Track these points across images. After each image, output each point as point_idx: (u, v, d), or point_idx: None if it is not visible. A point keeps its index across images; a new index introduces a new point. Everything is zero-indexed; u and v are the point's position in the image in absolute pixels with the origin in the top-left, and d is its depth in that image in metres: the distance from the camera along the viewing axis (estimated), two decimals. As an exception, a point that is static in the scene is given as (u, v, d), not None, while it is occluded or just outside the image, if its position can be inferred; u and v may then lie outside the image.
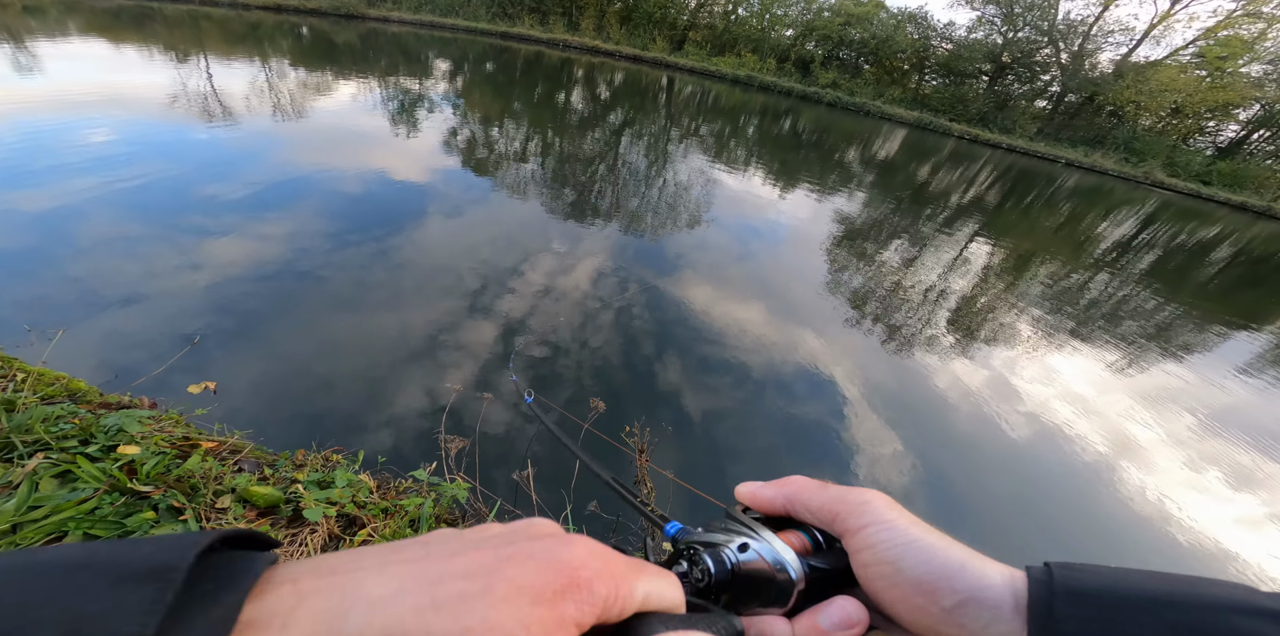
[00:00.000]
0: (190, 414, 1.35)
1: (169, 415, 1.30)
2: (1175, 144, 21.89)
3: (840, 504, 0.27)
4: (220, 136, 5.31)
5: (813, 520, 0.29)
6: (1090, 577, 0.22)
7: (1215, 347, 5.04)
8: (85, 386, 1.39)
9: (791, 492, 0.29)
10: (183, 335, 2.27)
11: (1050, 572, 0.22)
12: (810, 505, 0.28)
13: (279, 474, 1.15)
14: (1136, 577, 0.22)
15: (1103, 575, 0.22)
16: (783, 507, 0.30)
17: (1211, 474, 2.94)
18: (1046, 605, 0.21)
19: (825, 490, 0.29)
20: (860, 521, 0.26)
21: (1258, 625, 0.18)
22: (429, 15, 20.72)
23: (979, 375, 3.45)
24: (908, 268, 5.34)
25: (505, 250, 3.76)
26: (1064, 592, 0.21)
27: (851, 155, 12.46)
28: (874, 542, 0.25)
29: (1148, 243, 9.62)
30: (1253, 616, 0.19)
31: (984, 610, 0.22)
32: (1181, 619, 0.19)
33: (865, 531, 0.26)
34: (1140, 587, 0.21)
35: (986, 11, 23.37)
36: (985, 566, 0.24)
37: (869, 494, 0.28)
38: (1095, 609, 0.20)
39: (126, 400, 1.35)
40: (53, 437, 1.10)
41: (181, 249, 3.03)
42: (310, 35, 15.80)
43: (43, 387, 1.31)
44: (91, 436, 1.12)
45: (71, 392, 1.35)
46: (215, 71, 8.50)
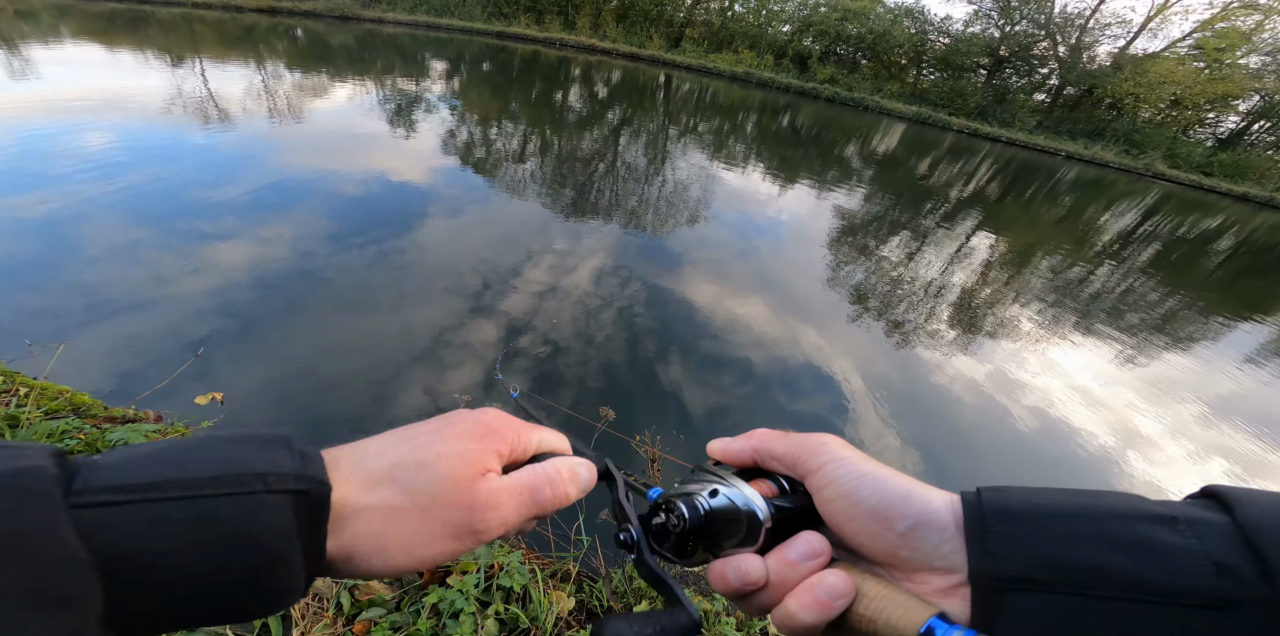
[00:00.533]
0: (196, 426, 1.39)
1: (175, 428, 1.34)
2: (1176, 136, 21.90)
3: (801, 448, 0.30)
4: (218, 140, 5.33)
5: (778, 467, 0.31)
6: (1013, 497, 0.25)
7: (1219, 338, 5.10)
8: (89, 400, 1.42)
9: (757, 443, 0.32)
10: (186, 343, 2.31)
11: (979, 495, 0.25)
12: (775, 452, 0.31)
13: None
14: (1053, 495, 0.25)
15: (1024, 494, 0.25)
16: (750, 458, 0.32)
17: (1216, 464, 3.00)
18: (979, 522, 0.24)
19: (786, 438, 0.31)
20: (819, 461, 0.29)
21: (1146, 528, 0.21)
22: (424, 16, 20.59)
23: (982, 368, 3.51)
24: (910, 262, 5.39)
25: (505, 250, 3.80)
26: (992, 511, 0.24)
27: (851, 150, 12.48)
28: (832, 478, 0.28)
29: (1150, 234, 9.68)
30: (1143, 521, 0.22)
31: (932, 531, 0.25)
32: (1089, 527, 0.22)
33: (824, 469, 0.28)
34: (1056, 502, 0.24)
35: (983, 5, 23.31)
36: (928, 493, 0.26)
37: (825, 437, 0.30)
38: (1018, 523, 0.23)
39: (131, 413, 1.39)
40: None
41: (182, 254, 3.07)
42: (305, 37, 15.73)
43: (46, 402, 1.33)
44: (96, 451, 1.16)
45: (75, 406, 1.38)
46: (210, 75, 8.50)
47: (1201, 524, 0.21)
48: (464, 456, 0.27)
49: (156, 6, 17.17)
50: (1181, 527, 0.21)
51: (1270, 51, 21.19)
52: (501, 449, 0.29)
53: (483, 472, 0.27)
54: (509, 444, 0.30)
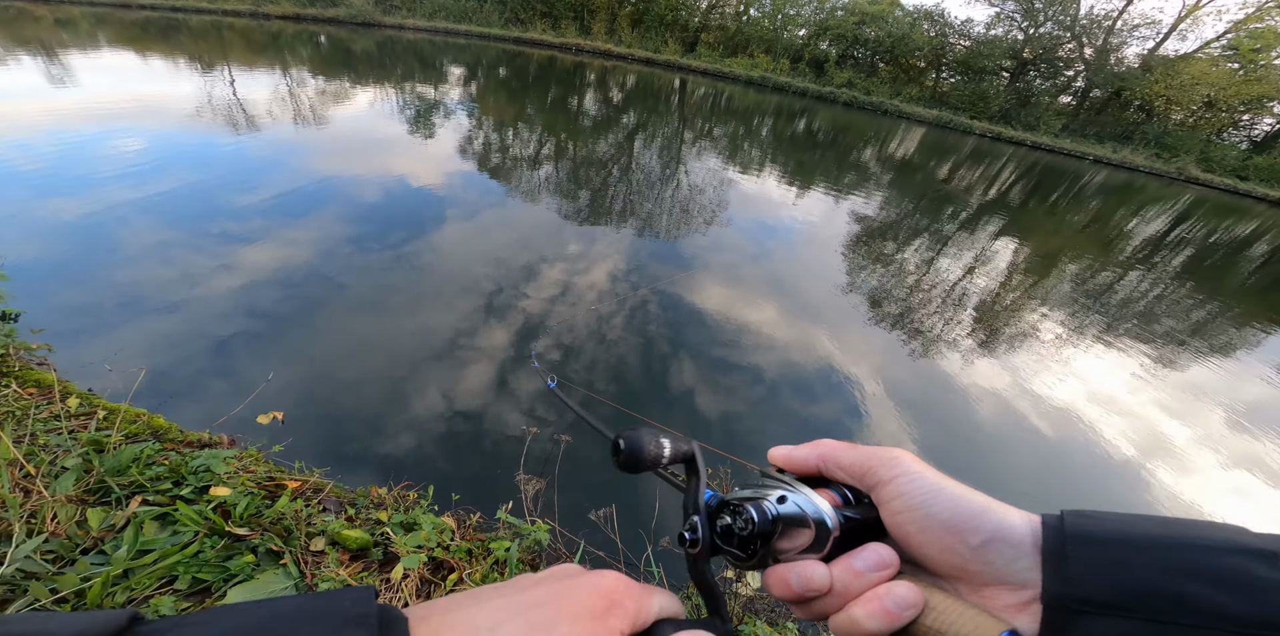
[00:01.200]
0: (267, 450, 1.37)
1: (249, 453, 1.32)
2: (1209, 138, 21.15)
3: (871, 459, 0.30)
4: (245, 145, 5.45)
5: (843, 477, 0.31)
6: (1098, 523, 0.24)
7: (1256, 346, 4.85)
8: (165, 423, 1.42)
9: (823, 452, 0.32)
10: (220, 343, 2.33)
11: (1062, 519, 0.25)
12: (841, 462, 0.31)
13: (362, 515, 1.15)
14: (1140, 523, 0.24)
15: (1109, 521, 0.24)
16: (815, 467, 0.32)
17: (1247, 474, 2.86)
18: (1059, 546, 0.24)
19: (855, 449, 0.31)
20: (890, 473, 0.28)
21: (1241, 561, 0.21)
22: (443, 22, 20.98)
23: (1003, 376, 3.39)
24: (929, 267, 5.25)
25: (522, 253, 3.80)
26: (1074, 536, 0.24)
27: (869, 155, 12.28)
28: (904, 491, 0.28)
29: (1182, 239, 9.31)
30: (1238, 554, 0.21)
31: (1008, 547, 0.25)
32: (1176, 558, 0.22)
33: (895, 482, 0.28)
34: (1142, 531, 0.23)
35: (1006, 7, 22.87)
36: (1006, 510, 0.26)
37: (896, 451, 0.30)
38: (1102, 549, 0.23)
39: (206, 437, 1.38)
40: (146, 480, 1.12)
41: (212, 256, 3.13)
42: (329, 44, 16.11)
43: (125, 425, 1.34)
44: (182, 477, 1.14)
45: (154, 430, 1.38)
46: (238, 81, 8.72)
47: None
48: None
49: (188, 14, 17.78)
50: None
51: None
52: (625, 627, 0.26)
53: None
54: (631, 618, 0.26)
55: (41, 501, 1.06)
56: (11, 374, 1.83)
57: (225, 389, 2.15)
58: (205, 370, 2.24)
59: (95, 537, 1.02)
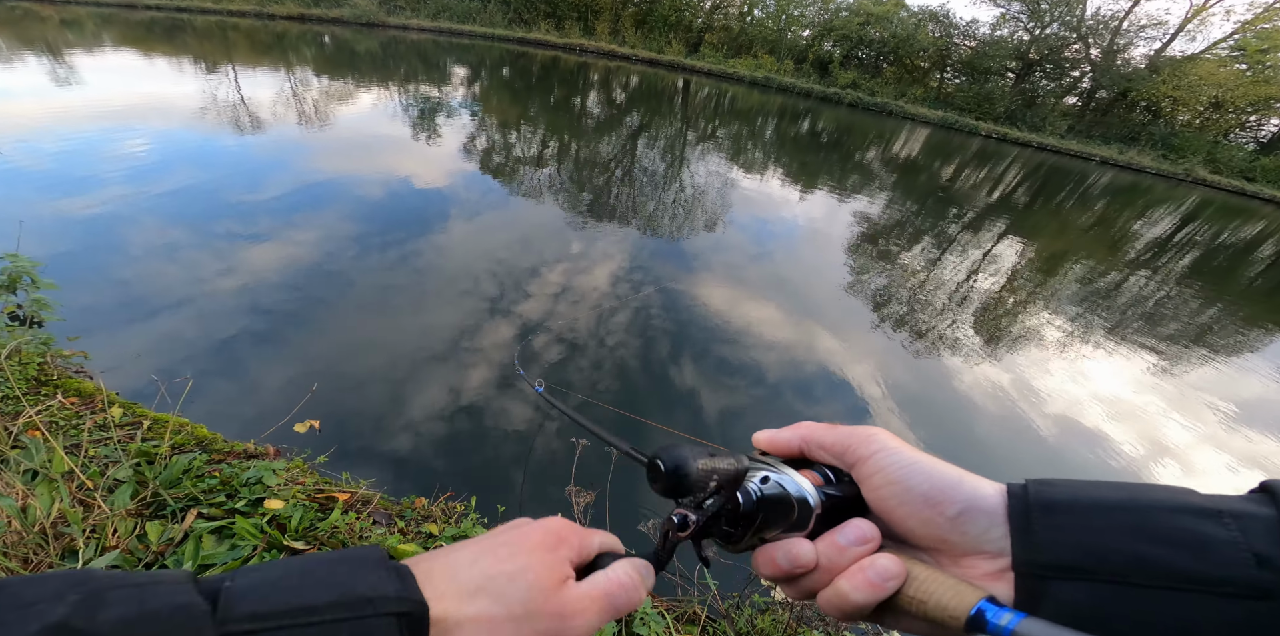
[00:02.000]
0: (312, 461, 1.40)
1: (295, 463, 1.35)
2: (1216, 139, 21.06)
3: (850, 438, 0.31)
4: (250, 145, 5.49)
5: (825, 457, 0.32)
6: (1059, 490, 0.26)
7: (1262, 348, 4.86)
8: (208, 433, 1.45)
9: (804, 434, 0.33)
10: (229, 342, 2.35)
11: (1026, 488, 0.26)
12: (823, 442, 0.32)
13: (412, 527, 1.18)
14: (1099, 489, 0.25)
15: (1070, 487, 0.26)
16: (798, 448, 0.33)
17: (1253, 473, 2.89)
18: (1025, 514, 0.25)
19: (834, 429, 0.33)
20: (869, 450, 0.30)
21: (1189, 520, 0.22)
22: (447, 22, 20.98)
23: (1006, 376, 3.42)
24: (934, 268, 5.27)
25: (524, 253, 3.84)
26: (1038, 503, 0.25)
27: (873, 156, 12.27)
28: (883, 466, 0.29)
29: (1190, 241, 9.30)
30: (1187, 514, 0.23)
31: (982, 516, 0.26)
32: (1132, 521, 0.23)
33: (874, 458, 0.30)
34: (1100, 496, 0.25)
35: (1011, 8, 22.76)
36: (978, 481, 0.28)
37: (874, 429, 0.31)
38: (1063, 515, 0.24)
39: (253, 448, 1.41)
40: (200, 492, 1.15)
41: (218, 254, 3.16)
42: (333, 44, 16.14)
43: (170, 436, 1.37)
44: (235, 490, 1.17)
45: (199, 440, 1.42)
46: (243, 81, 8.76)
47: (1247, 517, 0.22)
48: (547, 566, 0.28)
49: (193, 14, 17.82)
50: (1226, 521, 0.22)
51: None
52: (571, 556, 0.30)
53: (563, 580, 0.28)
54: (576, 550, 0.31)
55: (102, 516, 1.09)
56: (53, 383, 1.86)
57: (247, 393, 2.18)
58: (227, 373, 2.27)
59: (155, 551, 1.05)
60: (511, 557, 0.28)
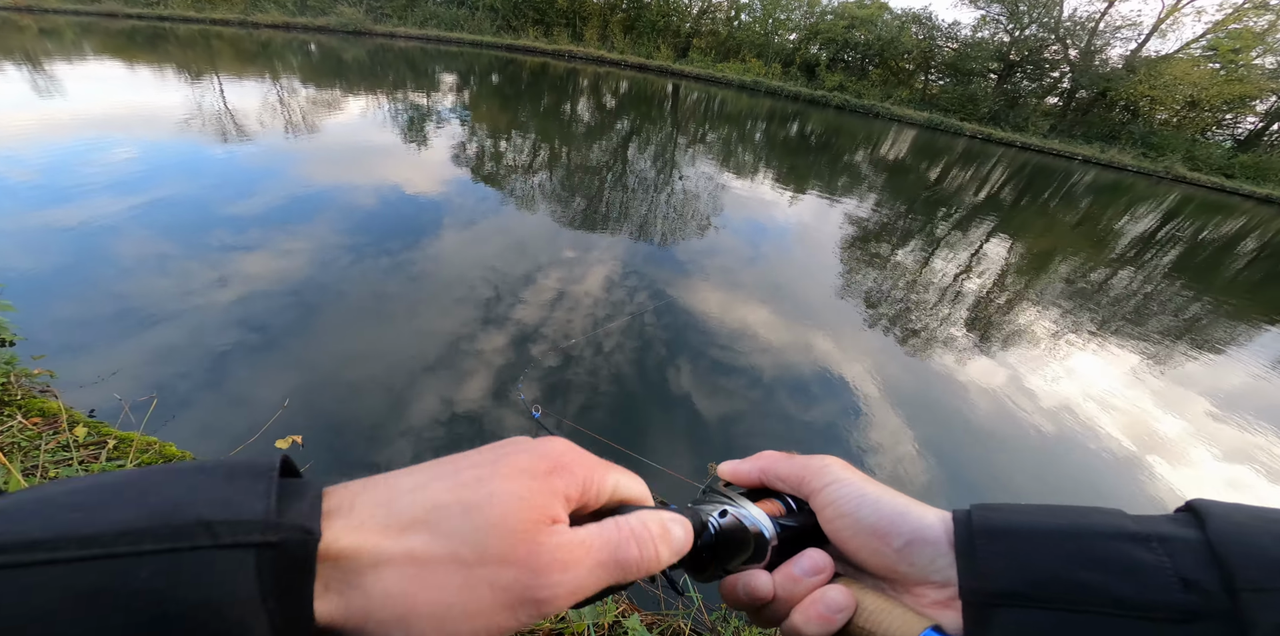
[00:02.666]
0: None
1: None
2: (1194, 138, 21.56)
3: (804, 470, 0.32)
4: (237, 154, 5.42)
5: (784, 487, 0.33)
6: (1001, 516, 0.26)
7: (1248, 343, 4.91)
8: (177, 452, 1.38)
9: (764, 465, 0.33)
10: (216, 352, 2.27)
11: (969, 515, 0.26)
12: (780, 473, 0.33)
13: None
14: (1039, 514, 0.26)
15: (1012, 513, 0.26)
16: (758, 479, 0.34)
17: (1241, 468, 2.90)
18: (969, 542, 0.25)
19: (791, 460, 0.33)
20: (821, 482, 0.30)
21: (1123, 546, 0.23)
22: (434, 30, 20.99)
23: (999, 374, 3.42)
24: (924, 268, 5.28)
25: (517, 260, 3.79)
26: (981, 530, 0.25)
27: (861, 157, 12.40)
28: (834, 498, 0.30)
29: (1172, 237, 9.46)
30: (1120, 539, 0.23)
31: (927, 547, 0.26)
32: (1071, 546, 0.23)
33: (826, 490, 0.30)
34: (1041, 522, 0.25)
35: (991, 10, 23.25)
36: (923, 511, 0.28)
37: (827, 459, 0.32)
38: (1005, 542, 0.24)
39: None
40: None
41: (211, 264, 3.08)
42: (319, 52, 16.06)
43: (138, 455, 1.29)
44: None
45: (167, 459, 1.34)
46: (228, 90, 8.67)
47: (1174, 541, 0.22)
48: (524, 498, 0.21)
49: (175, 23, 17.67)
50: (1154, 546, 0.23)
51: (1287, 51, 20.89)
52: (570, 491, 0.23)
53: (548, 521, 0.21)
54: (579, 485, 0.23)
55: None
56: (14, 403, 1.77)
57: (224, 407, 2.10)
58: (204, 388, 2.19)
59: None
60: (477, 483, 0.21)
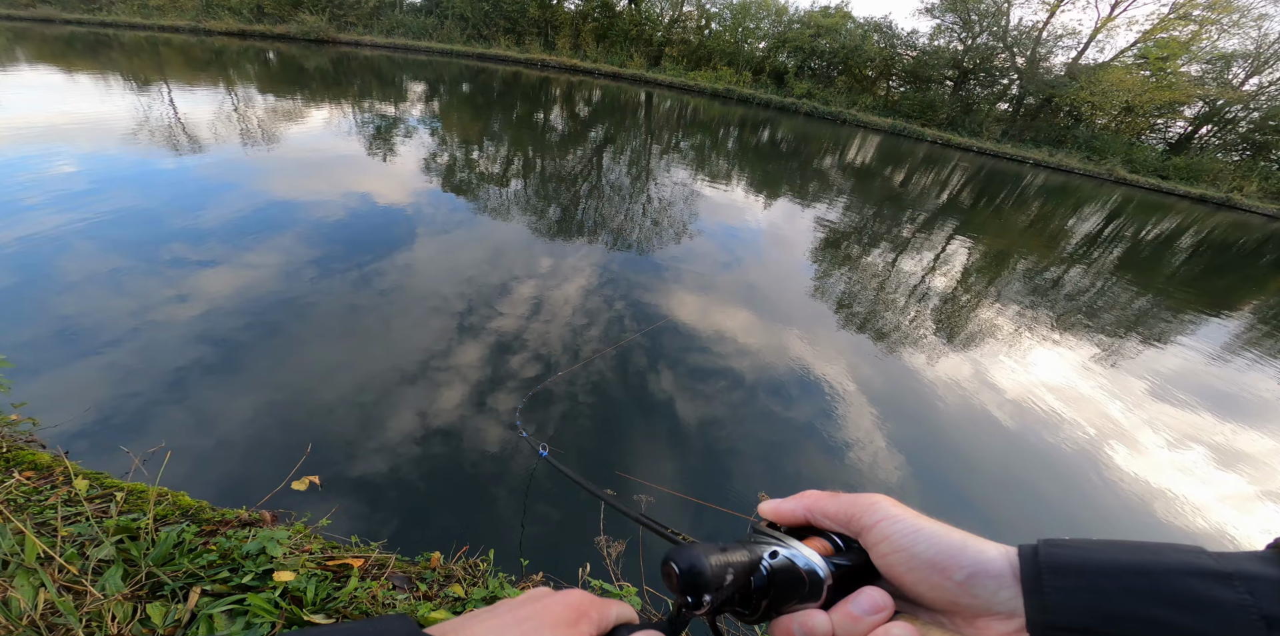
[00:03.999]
0: (314, 525, 1.35)
1: (297, 528, 1.30)
2: (1131, 141, 23.18)
3: (853, 507, 0.32)
4: (191, 166, 5.26)
5: (830, 525, 0.33)
6: (1070, 552, 0.26)
7: (1189, 333, 5.37)
8: (192, 501, 1.37)
9: (808, 503, 0.34)
10: (183, 372, 2.24)
11: (1037, 550, 0.27)
12: (827, 511, 0.33)
13: (435, 590, 1.16)
14: (1110, 550, 0.26)
15: (1081, 549, 0.26)
16: (803, 517, 0.34)
17: (1187, 447, 3.20)
18: (1036, 577, 0.26)
19: (837, 498, 0.34)
20: (873, 518, 0.31)
21: (1199, 583, 0.23)
22: (402, 39, 20.64)
23: (963, 369, 3.67)
24: (891, 269, 5.58)
25: (493, 271, 3.84)
26: (1049, 566, 0.26)
27: (830, 162, 12.86)
28: (888, 534, 0.30)
29: (1116, 236, 10.18)
30: (1199, 577, 0.23)
31: (990, 579, 0.27)
32: (1145, 583, 0.24)
33: (879, 526, 0.31)
34: (1112, 559, 0.25)
35: (946, 19, 24.48)
36: (982, 544, 0.29)
37: (875, 496, 0.33)
38: (1075, 578, 0.25)
39: (246, 515, 1.34)
40: (199, 568, 1.10)
41: (168, 281, 3.01)
42: (278, 61, 15.56)
43: (147, 506, 1.28)
44: (238, 563, 1.12)
45: (184, 510, 1.34)
46: (179, 99, 8.34)
47: (1257, 579, 0.22)
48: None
49: (120, 30, 16.80)
50: (1236, 583, 0.22)
51: (1209, 59, 22.76)
52: (591, 630, 0.31)
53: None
54: (596, 624, 0.32)
55: (96, 602, 1.02)
56: (3, 456, 1.72)
57: (228, 450, 2.07)
58: (201, 428, 2.15)
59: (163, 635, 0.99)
60: (536, 632, 0.29)
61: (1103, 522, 2.47)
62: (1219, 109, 23.06)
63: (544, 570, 1.38)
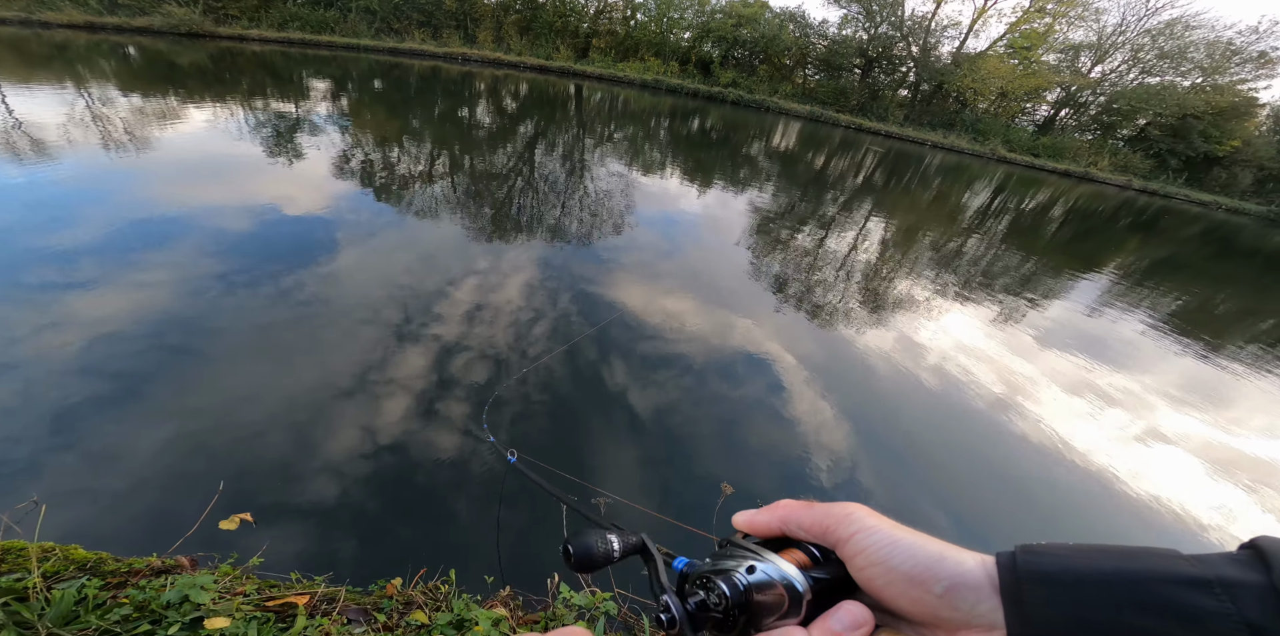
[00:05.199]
0: (243, 565, 1.24)
1: (224, 570, 1.18)
2: (1008, 124, 26.19)
3: (828, 518, 0.31)
4: (45, 176, 4.52)
5: (806, 536, 0.32)
6: (1049, 560, 0.26)
7: (1071, 291, 6.25)
8: (87, 554, 1.20)
9: (783, 515, 0.33)
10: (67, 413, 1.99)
11: (1015, 558, 0.27)
12: (802, 523, 0.32)
13: (395, 620, 1.10)
14: (1089, 556, 0.26)
15: (1059, 556, 0.26)
16: (778, 529, 0.33)
17: (1084, 397, 3.74)
18: (1015, 587, 0.25)
19: (812, 508, 0.32)
20: (849, 530, 0.30)
21: (1180, 591, 0.23)
22: (297, 32, 18.69)
23: (888, 335, 4.04)
24: (819, 247, 6.00)
25: (428, 275, 3.71)
26: (1028, 575, 0.25)
27: (757, 149, 13.41)
28: (864, 547, 0.29)
29: (1002, 208, 11.55)
30: (1178, 585, 0.23)
31: (969, 591, 0.26)
32: (1124, 591, 0.23)
33: (855, 538, 0.30)
34: (1092, 566, 0.25)
35: (851, 9, 26.15)
36: (960, 554, 0.28)
37: (850, 506, 0.31)
38: (1054, 587, 0.25)
39: (158, 563, 1.20)
40: (112, 624, 0.97)
41: (35, 307, 2.62)
42: (141, 57, 13.55)
43: (30, 564, 1.11)
44: (159, 615, 1.00)
45: (80, 564, 1.17)
46: (15, 100, 7.07)
47: (1238, 586, 0.22)
48: None
49: (-78, 20, 13.82)
50: (1217, 591, 0.22)
51: (1063, 49, 26.13)
52: None
53: None
54: None
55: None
56: None
57: (127, 494, 1.84)
58: (91, 472, 1.90)
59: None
60: None
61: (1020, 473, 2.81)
62: (1073, 94, 26.66)
63: (511, 583, 1.36)
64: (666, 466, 2.35)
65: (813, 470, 2.50)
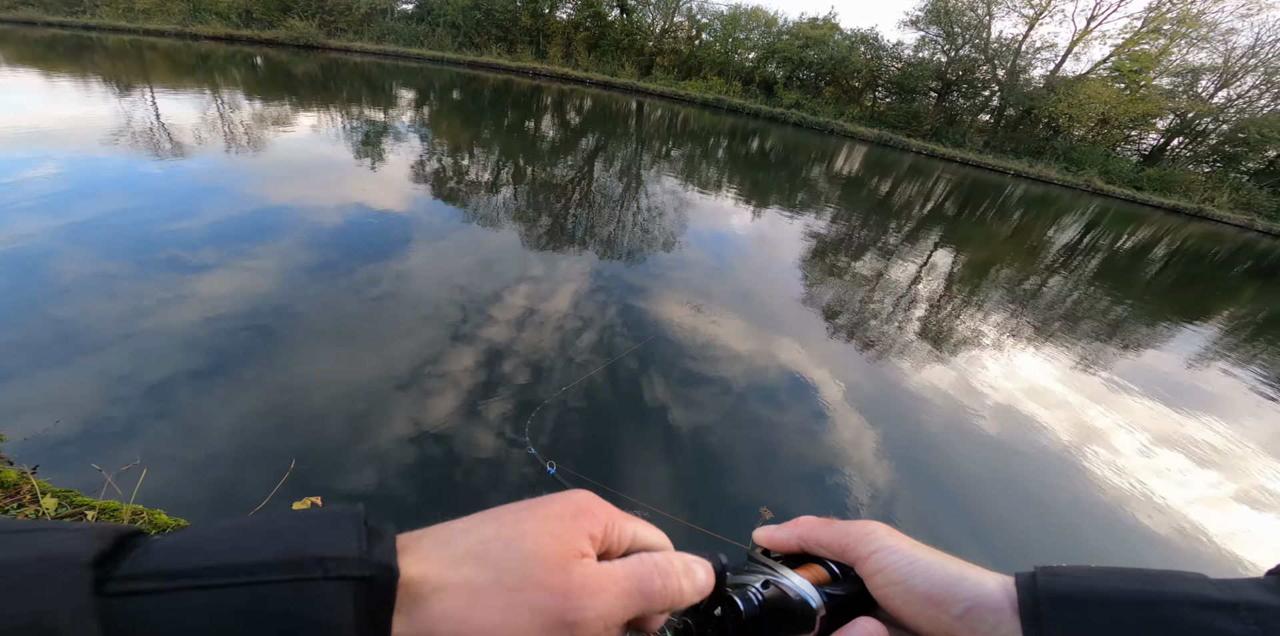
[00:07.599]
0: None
1: None
2: (1107, 153, 23.89)
3: (847, 536, 0.31)
4: (179, 171, 5.20)
5: (826, 553, 0.32)
6: (1070, 581, 0.25)
7: (1167, 341, 5.51)
8: (170, 520, 1.32)
9: (803, 531, 0.33)
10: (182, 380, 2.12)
11: (1034, 579, 0.26)
12: (821, 540, 0.32)
13: None
14: (1111, 578, 0.25)
15: (1081, 578, 0.25)
16: (797, 545, 0.33)
17: (1169, 453, 3.27)
18: (1035, 609, 0.25)
19: (831, 526, 0.32)
20: (869, 548, 0.30)
21: (1206, 615, 0.22)
22: (392, 45, 20.62)
23: (950, 374, 3.73)
24: (881, 277, 5.62)
25: (486, 279, 3.82)
26: (1048, 597, 0.25)
27: (818, 172, 13.05)
28: (884, 565, 0.29)
29: (1093, 246, 10.45)
30: (1204, 609, 0.22)
31: (989, 613, 0.26)
32: (1148, 615, 0.23)
33: (874, 556, 0.30)
34: (1114, 588, 0.24)
35: (930, 32, 25.13)
36: (980, 575, 0.28)
37: (871, 524, 0.31)
38: (1075, 610, 0.24)
39: None
40: None
41: (164, 285, 2.89)
42: (266, 66, 15.44)
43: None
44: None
45: (160, 530, 1.29)
46: (164, 104, 8.25)
47: (1265, 610, 0.22)
48: (555, 535, 0.25)
49: (104, 33, 16.57)
50: (1243, 614, 0.22)
51: (1178, 72, 23.60)
52: (594, 530, 0.26)
53: (577, 554, 0.25)
54: (602, 526, 0.27)
55: None
56: (-38, 477, 1.64)
57: (211, 467, 2.01)
58: (183, 442, 2.06)
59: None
60: (515, 523, 0.25)
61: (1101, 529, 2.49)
62: (1190, 121, 23.87)
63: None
64: (703, 484, 2.30)
65: (853, 503, 2.41)
